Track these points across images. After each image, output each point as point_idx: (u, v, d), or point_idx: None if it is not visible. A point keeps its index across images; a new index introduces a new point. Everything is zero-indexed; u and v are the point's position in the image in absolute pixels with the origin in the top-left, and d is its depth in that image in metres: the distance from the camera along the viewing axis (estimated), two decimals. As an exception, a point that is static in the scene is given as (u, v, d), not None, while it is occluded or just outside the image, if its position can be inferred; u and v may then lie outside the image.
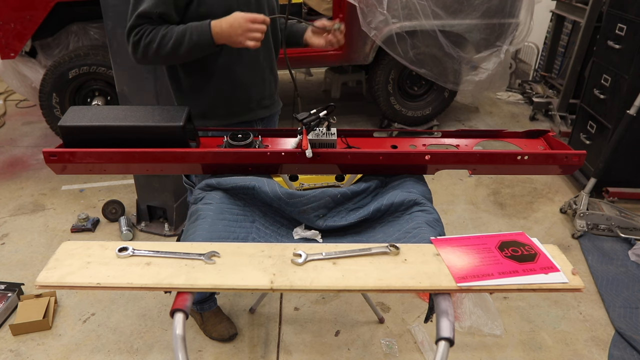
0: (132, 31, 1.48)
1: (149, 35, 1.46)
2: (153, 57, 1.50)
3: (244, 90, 1.68)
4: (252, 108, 1.73)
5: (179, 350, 0.93)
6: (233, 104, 1.69)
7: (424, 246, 1.13)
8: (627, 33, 2.88)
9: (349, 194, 1.37)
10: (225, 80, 1.64)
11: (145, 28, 1.47)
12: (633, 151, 2.98)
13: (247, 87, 1.68)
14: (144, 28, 1.47)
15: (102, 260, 1.06)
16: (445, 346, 0.93)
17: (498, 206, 3.18)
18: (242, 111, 1.72)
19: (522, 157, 1.36)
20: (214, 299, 2.14)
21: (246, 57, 1.63)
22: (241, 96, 1.69)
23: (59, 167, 1.38)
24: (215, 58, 1.59)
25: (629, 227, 2.77)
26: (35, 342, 2.11)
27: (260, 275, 1.02)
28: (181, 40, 1.45)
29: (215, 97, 1.66)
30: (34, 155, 3.84)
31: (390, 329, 2.19)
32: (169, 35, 1.46)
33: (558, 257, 1.08)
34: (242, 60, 1.63)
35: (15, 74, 3.66)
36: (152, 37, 1.46)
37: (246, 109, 1.73)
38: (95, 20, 3.60)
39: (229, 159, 1.39)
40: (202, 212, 1.28)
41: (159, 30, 1.46)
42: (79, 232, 2.86)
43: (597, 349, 2.09)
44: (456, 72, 3.85)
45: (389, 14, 3.47)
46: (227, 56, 1.60)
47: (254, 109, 1.74)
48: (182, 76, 1.65)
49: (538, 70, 5.31)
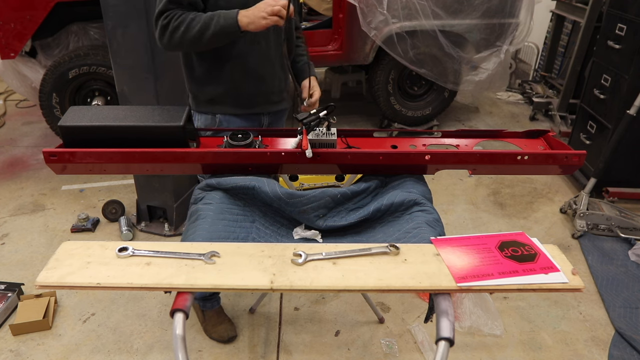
0: (162, 15, 1.55)
1: (178, 19, 1.52)
2: (179, 40, 1.55)
3: (253, 82, 1.73)
4: (259, 102, 1.78)
5: (179, 350, 0.93)
6: (241, 94, 1.74)
7: (424, 246, 1.13)
8: (627, 33, 2.88)
9: (349, 194, 1.37)
10: (237, 69, 1.70)
11: (174, 12, 1.54)
12: (633, 151, 2.98)
13: (257, 79, 1.74)
14: (174, 12, 1.54)
15: (102, 260, 1.06)
16: (445, 346, 0.93)
17: (498, 206, 3.18)
18: (249, 103, 1.77)
19: (522, 157, 1.36)
20: (217, 297, 2.14)
21: (257, 50, 1.69)
22: (250, 87, 1.74)
23: (59, 167, 1.38)
24: (230, 48, 1.65)
25: (629, 227, 2.77)
26: (35, 342, 2.11)
27: (260, 275, 1.02)
28: (208, 23, 1.51)
29: (225, 85, 1.72)
30: (34, 155, 3.84)
31: (390, 329, 2.19)
32: (197, 19, 1.52)
33: (558, 257, 1.08)
34: (254, 52, 1.69)
35: (15, 74, 3.66)
36: (180, 21, 1.52)
37: (254, 101, 1.78)
38: (95, 20, 3.60)
39: (229, 159, 1.39)
40: (202, 212, 1.28)
41: (187, 15, 1.53)
42: (79, 232, 2.86)
43: (597, 349, 2.09)
44: (456, 72, 3.85)
45: (389, 14, 3.47)
46: (241, 47, 1.66)
47: (262, 102, 1.79)
48: (196, 64, 1.72)
49: (538, 70, 5.31)
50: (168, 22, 1.53)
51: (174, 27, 1.52)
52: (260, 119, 1.84)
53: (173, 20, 1.52)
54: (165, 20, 1.53)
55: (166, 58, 2.45)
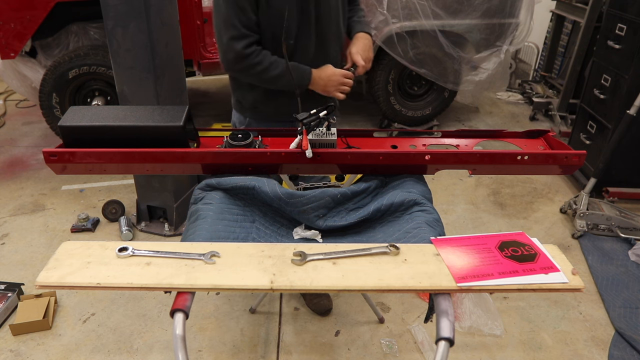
0: (240, 41, 1.60)
1: (258, 57, 1.63)
2: (251, 75, 1.68)
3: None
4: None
5: (179, 350, 0.93)
6: (281, 103, 1.78)
7: (424, 246, 1.13)
8: (627, 33, 2.88)
9: (349, 194, 1.37)
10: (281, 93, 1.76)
11: (255, 49, 1.62)
12: (633, 151, 2.98)
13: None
14: (254, 49, 1.62)
15: (102, 260, 1.06)
16: (445, 346, 0.93)
17: (498, 206, 3.18)
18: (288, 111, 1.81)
19: (522, 157, 1.36)
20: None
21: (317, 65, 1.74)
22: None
23: (59, 167, 1.38)
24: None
25: (629, 227, 2.77)
26: (35, 342, 2.11)
27: (260, 275, 1.02)
28: (284, 74, 1.63)
29: (267, 93, 1.77)
30: (34, 155, 3.84)
31: (390, 329, 2.19)
32: (274, 65, 1.64)
33: (558, 257, 1.08)
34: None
35: (15, 74, 3.65)
36: (259, 60, 1.63)
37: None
38: (95, 20, 3.59)
39: (229, 159, 1.39)
40: (202, 212, 1.28)
41: (266, 56, 1.64)
42: (79, 232, 2.86)
43: (597, 349, 2.09)
44: (456, 72, 3.85)
45: (389, 14, 3.47)
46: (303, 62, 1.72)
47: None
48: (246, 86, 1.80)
49: (538, 70, 5.31)
50: (249, 55, 1.61)
51: (253, 62, 1.62)
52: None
53: (254, 56, 1.62)
54: (247, 50, 1.61)
55: (166, 58, 2.45)
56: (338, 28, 1.78)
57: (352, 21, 1.88)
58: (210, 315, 2.26)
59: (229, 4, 1.57)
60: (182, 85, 2.67)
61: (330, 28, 1.74)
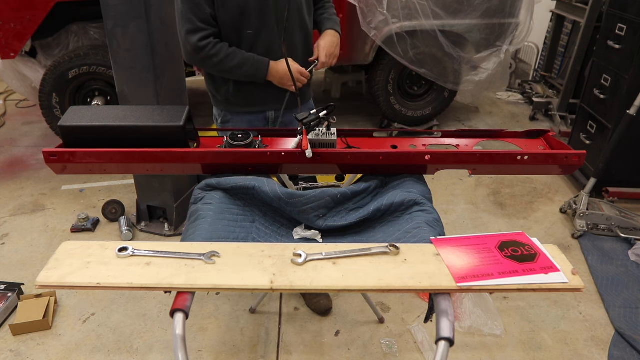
0: (195, 34, 1.67)
1: (214, 49, 1.69)
2: (209, 66, 1.75)
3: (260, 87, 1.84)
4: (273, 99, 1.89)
5: (179, 350, 0.93)
6: (249, 93, 1.85)
7: (424, 246, 1.13)
8: (627, 33, 2.88)
9: (349, 194, 1.37)
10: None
11: (211, 41, 1.69)
12: (633, 151, 2.98)
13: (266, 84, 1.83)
14: (209, 41, 1.69)
15: (102, 260, 1.06)
16: (445, 346, 0.93)
17: (498, 206, 3.18)
18: (261, 101, 1.89)
19: (522, 157, 1.36)
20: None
21: (278, 56, 1.79)
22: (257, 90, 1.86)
23: (59, 167, 1.38)
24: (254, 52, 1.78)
25: (629, 227, 2.77)
26: (35, 342, 2.11)
27: (260, 275, 1.02)
28: (241, 66, 1.72)
29: (236, 85, 1.84)
30: (34, 155, 3.84)
31: (390, 329, 2.19)
32: (231, 57, 1.71)
33: (558, 257, 1.08)
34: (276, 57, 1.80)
35: (15, 74, 3.66)
36: (216, 52, 1.70)
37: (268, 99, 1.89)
38: (95, 20, 3.60)
39: (229, 159, 1.39)
40: (202, 212, 1.28)
41: (223, 48, 1.70)
42: (79, 232, 2.86)
43: (597, 349, 2.09)
44: (456, 72, 3.84)
45: (389, 14, 3.47)
46: (264, 52, 1.78)
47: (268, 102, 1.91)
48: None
49: (538, 70, 5.31)
50: (204, 47, 1.68)
51: (210, 54, 1.70)
52: (266, 115, 1.93)
53: (209, 48, 1.69)
54: (202, 42, 1.68)
55: (166, 58, 2.45)
56: (302, 17, 1.81)
57: (323, 18, 1.93)
58: (210, 315, 2.26)
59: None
60: (182, 85, 2.67)
61: (292, 17, 1.76)
